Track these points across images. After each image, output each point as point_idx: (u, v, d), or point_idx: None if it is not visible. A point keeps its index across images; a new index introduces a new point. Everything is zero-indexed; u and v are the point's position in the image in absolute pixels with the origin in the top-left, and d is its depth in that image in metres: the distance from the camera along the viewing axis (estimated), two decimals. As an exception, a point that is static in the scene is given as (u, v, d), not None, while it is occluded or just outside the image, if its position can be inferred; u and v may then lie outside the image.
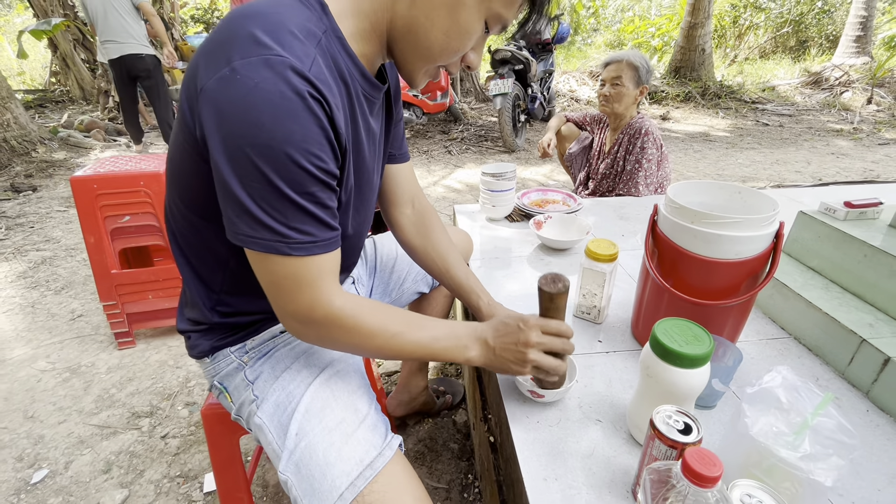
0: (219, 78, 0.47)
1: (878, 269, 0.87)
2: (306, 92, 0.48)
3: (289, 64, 0.47)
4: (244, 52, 0.47)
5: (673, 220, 0.79)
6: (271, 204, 0.50)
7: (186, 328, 0.74)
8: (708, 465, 0.40)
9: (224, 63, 0.47)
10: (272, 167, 0.48)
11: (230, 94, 0.47)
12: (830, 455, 0.51)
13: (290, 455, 0.60)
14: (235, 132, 0.47)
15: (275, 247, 0.52)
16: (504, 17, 0.59)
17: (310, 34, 0.51)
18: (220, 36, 0.50)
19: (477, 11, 0.57)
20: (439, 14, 0.56)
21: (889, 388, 0.76)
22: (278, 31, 0.48)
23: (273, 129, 0.47)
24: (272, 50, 0.47)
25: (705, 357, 0.61)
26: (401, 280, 1.07)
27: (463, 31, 0.58)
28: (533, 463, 0.69)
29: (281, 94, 0.46)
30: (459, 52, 0.61)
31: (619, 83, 1.73)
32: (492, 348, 0.68)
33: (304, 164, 0.50)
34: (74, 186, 1.50)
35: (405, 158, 0.88)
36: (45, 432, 1.41)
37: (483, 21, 0.59)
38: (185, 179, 0.59)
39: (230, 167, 0.49)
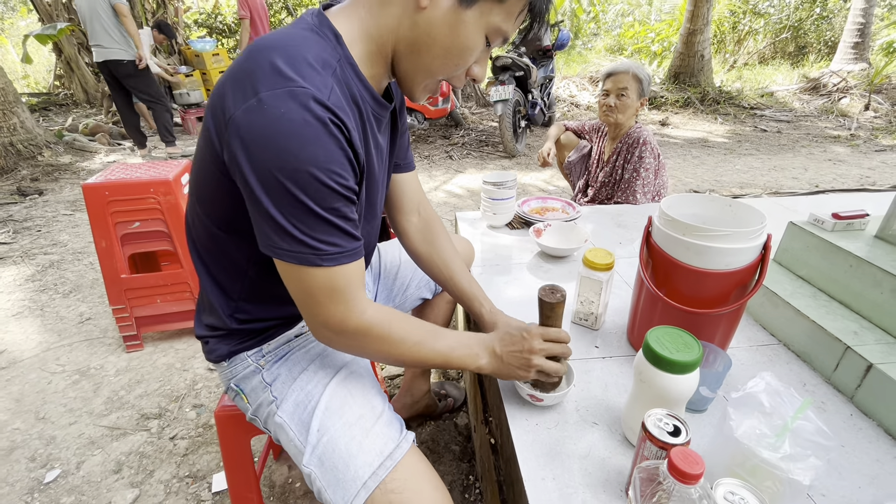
0: (246, 108, 0.51)
1: (862, 279, 0.91)
2: (327, 119, 0.52)
3: (311, 94, 0.51)
4: (270, 84, 0.51)
5: (666, 231, 0.83)
6: (301, 220, 0.54)
7: (204, 333, 0.77)
8: (691, 463, 0.44)
9: (251, 94, 0.51)
10: (300, 187, 0.52)
11: (259, 123, 0.51)
12: (809, 456, 0.54)
13: (314, 450, 0.65)
14: (265, 157, 0.51)
15: (307, 258, 0.56)
16: (504, 30, 0.62)
17: (326, 64, 0.55)
18: (246, 66, 0.54)
19: (476, 27, 0.60)
20: (440, 32, 0.59)
21: (872, 394, 0.80)
22: (299, 63, 0.53)
23: (299, 153, 0.51)
24: (295, 82, 0.51)
25: (694, 364, 0.65)
26: (404, 286, 1.11)
27: (464, 48, 0.61)
28: (532, 463, 0.72)
29: (305, 122, 0.51)
30: (461, 67, 0.64)
31: (625, 94, 1.77)
32: (499, 356, 0.73)
33: (329, 183, 0.54)
34: (86, 193, 1.54)
35: (410, 168, 0.92)
36: (57, 433, 1.44)
37: (484, 35, 0.62)
38: (209, 194, 0.64)
39: (262, 188, 0.53)
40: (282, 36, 0.56)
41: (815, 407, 0.83)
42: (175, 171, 1.67)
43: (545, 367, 0.74)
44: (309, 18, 0.60)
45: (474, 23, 0.59)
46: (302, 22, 0.59)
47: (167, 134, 4.37)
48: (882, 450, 0.74)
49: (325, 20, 0.59)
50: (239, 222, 0.61)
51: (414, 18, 0.59)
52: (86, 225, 3.00)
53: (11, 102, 4.04)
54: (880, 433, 0.77)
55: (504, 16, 0.60)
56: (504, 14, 0.60)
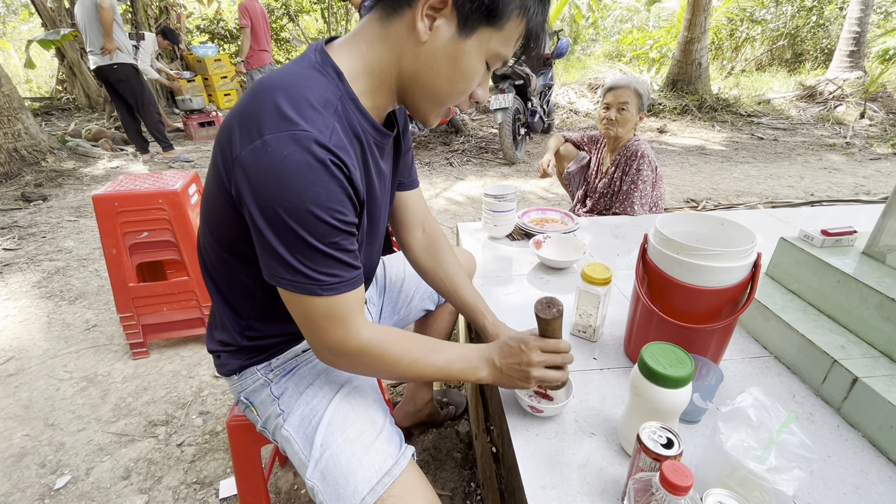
0: (252, 149, 0.55)
1: (849, 294, 0.95)
2: (328, 160, 0.55)
3: (313, 137, 0.54)
4: (274, 127, 0.54)
5: (661, 250, 0.87)
6: (303, 254, 0.58)
7: (216, 348, 0.81)
8: (681, 477, 0.47)
9: (256, 135, 0.55)
10: (302, 225, 0.56)
11: (263, 164, 0.54)
12: (793, 468, 0.58)
13: (316, 464, 0.68)
14: (269, 196, 0.55)
15: (308, 288, 0.60)
16: (503, 54, 0.65)
17: (328, 104, 0.59)
18: (252, 107, 0.57)
19: (477, 55, 0.63)
20: (442, 64, 0.63)
21: (857, 406, 0.83)
22: (301, 105, 0.56)
23: (302, 193, 0.55)
24: (298, 125, 0.54)
25: (687, 378, 0.69)
26: (409, 299, 1.15)
27: (466, 76, 0.64)
28: (533, 472, 0.76)
29: (307, 164, 0.54)
30: (466, 92, 0.67)
31: (626, 109, 1.81)
32: (499, 368, 0.76)
33: (329, 220, 0.57)
34: (96, 204, 1.58)
35: (414, 185, 0.96)
36: (66, 440, 1.47)
37: (484, 61, 0.65)
38: (218, 222, 0.67)
39: (266, 224, 0.56)
40: (286, 75, 0.59)
41: (804, 418, 0.87)
42: (182, 182, 1.71)
43: (545, 376, 0.77)
44: (312, 56, 0.63)
45: (474, 51, 0.62)
46: (305, 60, 0.63)
47: (161, 139, 4.43)
48: (866, 460, 0.77)
49: (328, 58, 0.62)
50: (246, 248, 0.65)
51: (415, 52, 0.62)
52: (90, 231, 3.04)
53: (16, 108, 4.08)
54: (865, 444, 0.80)
55: (502, 41, 0.63)
56: (502, 39, 0.63)
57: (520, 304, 1.26)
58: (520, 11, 0.61)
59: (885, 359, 0.87)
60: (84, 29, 3.86)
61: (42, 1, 6.29)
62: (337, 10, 8.38)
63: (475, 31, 0.61)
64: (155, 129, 4.35)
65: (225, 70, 7.22)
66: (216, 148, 0.61)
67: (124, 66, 3.99)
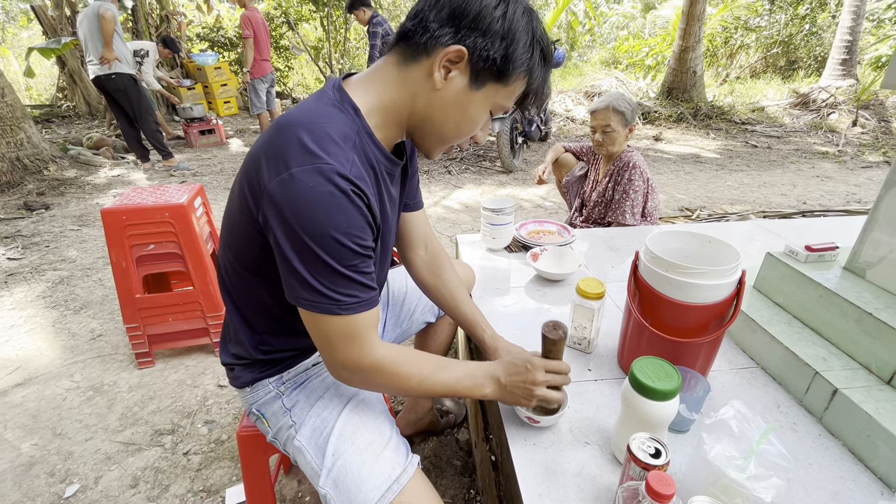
0: (279, 181, 0.60)
1: (831, 308, 0.99)
2: (349, 190, 0.61)
3: (335, 170, 0.60)
4: (299, 161, 0.59)
5: (651, 267, 0.91)
6: (324, 276, 0.62)
7: (230, 361, 0.85)
8: (664, 486, 0.52)
9: (283, 168, 0.60)
10: (325, 249, 0.61)
11: (291, 195, 0.59)
12: (771, 476, 0.62)
13: (329, 473, 0.72)
14: (296, 223, 0.60)
15: (328, 308, 0.64)
16: (506, 106, 0.74)
17: (347, 138, 0.64)
18: (278, 141, 0.62)
19: (483, 106, 0.71)
20: (452, 110, 0.70)
21: (838, 416, 0.88)
22: (324, 140, 0.61)
23: (326, 220, 0.60)
24: (322, 159, 0.60)
25: (674, 392, 0.73)
26: (411, 312, 1.19)
27: (472, 122, 0.73)
28: (530, 481, 0.80)
29: (331, 194, 0.59)
30: (469, 135, 0.76)
31: (609, 129, 1.87)
32: (504, 386, 0.81)
33: (349, 245, 0.62)
34: (105, 218, 1.62)
35: (419, 206, 1.01)
36: (74, 449, 1.50)
37: (489, 111, 0.73)
38: (241, 244, 0.72)
39: (291, 249, 0.61)
40: (308, 112, 0.65)
41: (788, 427, 0.91)
42: (188, 196, 1.75)
43: (546, 396, 0.82)
44: (331, 93, 0.68)
45: (482, 102, 0.70)
46: (325, 96, 0.68)
47: (160, 147, 4.49)
48: (845, 468, 0.82)
49: (346, 95, 0.68)
50: (266, 268, 0.70)
51: (429, 97, 0.69)
52: (93, 240, 3.07)
53: (19, 118, 4.12)
54: (844, 452, 0.85)
55: (507, 95, 0.71)
56: (507, 94, 0.71)
57: (518, 315, 1.30)
58: (525, 73, 0.69)
59: (864, 370, 0.91)
60: (85, 39, 3.93)
61: (43, 9, 6.35)
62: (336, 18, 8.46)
63: (484, 86, 0.68)
64: (153, 137, 4.41)
65: (225, 78, 7.28)
66: (242, 178, 0.66)
67: (122, 76, 4.07)
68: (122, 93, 4.12)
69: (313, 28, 9.24)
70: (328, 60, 8.65)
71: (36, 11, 6.34)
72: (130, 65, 4.16)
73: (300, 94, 9.35)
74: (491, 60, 0.66)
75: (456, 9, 0.64)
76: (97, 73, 4.01)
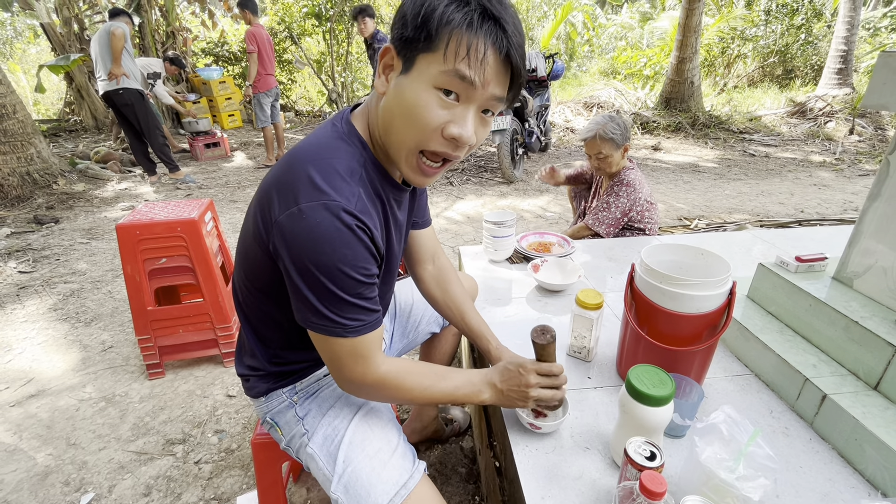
0: (289, 215, 0.64)
1: (820, 317, 1.03)
2: (355, 225, 0.65)
3: (341, 206, 0.64)
4: (308, 197, 0.64)
5: (646, 279, 0.96)
6: (332, 303, 0.67)
7: (245, 372, 0.89)
8: (656, 484, 0.56)
9: (293, 203, 0.64)
10: (331, 279, 0.66)
11: (298, 229, 0.64)
12: (759, 476, 0.66)
13: (340, 478, 0.76)
14: (304, 256, 0.64)
15: (335, 331, 0.69)
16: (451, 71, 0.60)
17: (353, 173, 0.69)
18: (288, 177, 0.67)
19: (420, 84, 0.62)
20: (394, 105, 0.65)
21: (827, 421, 0.92)
22: (331, 176, 0.66)
23: (332, 254, 0.64)
24: (328, 195, 0.64)
25: (668, 398, 0.77)
26: (417, 323, 1.23)
27: (413, 105, 0.63)
28: (533, 485, 0.84)
29: (337, 229, 0.64)
30: (427, 129, 0.64)
31: (602, 155, 1.92)
32: (500, 390, 0.85)
33: (354, 276, 0.67)
34: (119, 233, 1.67)
35: (427, 224, 1.06)
36: (88, 458, 1.54)
37: (432, 89, 0.62)
38: (253, 267, 0.77)
39: (300, 278, 0.66)
40: (316, 148, 0.69)
41: (780, 432, 0.95)
42: (199, 211, 1.81)
43: (541, 396, 0.86)
44: (339, 125, 0.73)
45: (416, 81, 0.62)
46: (334, 130, 0.73)
47: (167, 161, 4.59)
48: (834, 470, 0.86)
49: (353, 128, 0.73)
50: (277, 289, 0.74)
51: (380, 106, 0.69)
52: (102, 253, 3.13)
53: (29, 133, 4.21)
54: (834, 455, 0.89)
55: (441, 61, 0.60)
56: (440, 59, 0.60)
57: (519, 325, 1.34)
58: (454, 27, 0.59)
59: (852, 377, 0.95)
60: (96, 56, 4.06)
61: (52, 26, 6.49)
62: (338, 32, 8.62)
63: (414, 64, 0.62)
64: (160, 151, 4.51)
65: (229, 91, 7.40)
66: (256, 208, 0.71)
67: (129, 91, 4.19)
68: (129, 107, 4.23)
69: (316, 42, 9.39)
70: (330, 74, 8.79)
71: (45, 28, 6.49)
72: (138, 80, 4.27)
73: (303, 107, 9.49)
74: (409, 37, 0.61)
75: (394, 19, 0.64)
76: (106, 89, 4.13)
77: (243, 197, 4.30)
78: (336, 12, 8.03)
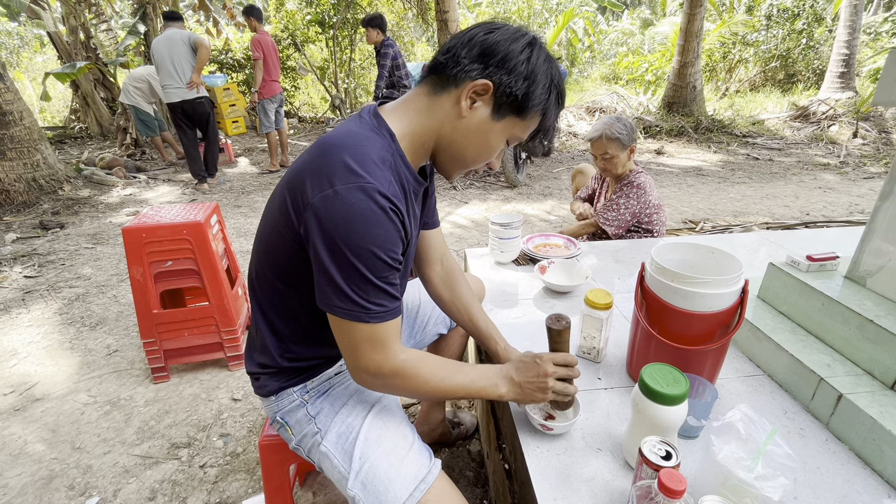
0: (323, 196, 0.65)
1: (833, 316, 1.02)
2: (388, 207, 0.67)
3: (376, 189, 0.66)
4: (343, 180, 0.65)
5: (657, 277, 0.95)
6: (358, 285, 0.68)
7: (256, 370, 0.89)
8: (676, 482, 0.55)
9: (328, 185, 0.65)
10: (362, 260, 0.66)
11: (334, 209, 0.65)
12: (778, 476, 0.65)
13: (357, 475, 0.76)
14: (337, 236, 0.65)
15: (358, 316, 0.69)
16: (520, 138, 0.81)
17: (384, 161, 0.71)
18: (322, 161, 0.68)
19: (501, 135, 0.78)
20: (474, 137, 0.77)
21: (843, 421, 0.90)
22: (366, 162, 0.67)
23: (365, 234, 0.65)
24: (364, 178, 0.66)
25: (682, 396, 0.76)
26: (424, 323, 1.23)
27: (491, 149, 0.80)
28: (545, 487, 0.82)
29: (371, 210, 0.65)
30: (486, 161, 0.82)
31: (608, 156, 1.91)
32: (518, 383, 0.84)
33: (384, 257, 0.68)
34: (126, 236, 1.68)
35: (436, 225, 1.06)
36: (93, 462, 1.53)
37: (505, 141, 0.80)
38: (277, 255, 0.77)
39: (330, 258, 0.66)
40: (349, 136, 0.71)
41: (795, 433, 0.93)
42: (205, 214, 1.81)
43: (558, 388, 0.86)
44: (368, 118, 0.75)
45: (501, 132, 0.77)
46: (364, 123, 0.75)
47: (214, 167, 4.80)
48: (852, 471, 0.84)
49: (383, 121, 0.75)
50: (298, 278, 0.75)
51: (455, 124, 0.76)
52: (106, 258, 3.14)
53: (36, 140, 4.24)
54: (851, 456, 0.87)
55: (523, 128, 0.79)
56: (523, 127, 0.78)
57: (527, 326, 1.33)
58: (540, 111, 0.77)
59: (868, 376, 0.94)
60: (167, 63, 4.08)
61: (59, 35, 6.56)
62: (341, 39, 8.68)
63: (505, 118, 0.76)
64: (214, 157, 4.73)
65: (233, 98, 7.44)
66: (285, 193, 0.72)
67: (207, 100, 4.39)
68: (204, 115, 4.40)
69: (319, 49, 9.46)
70: (333, 80, 8.85)
71: (52, 37, 6.56)
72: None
73: (306, 113, 9.53)
74: (513, 96, 0.73)
75: (486, 49, 0.72)
76: (184, 97, 4.21)
77: (247, 202, 4.31)
78: (339, 20, 8.10)
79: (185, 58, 4.12)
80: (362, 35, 8.37)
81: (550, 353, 0.88)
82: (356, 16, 8.31)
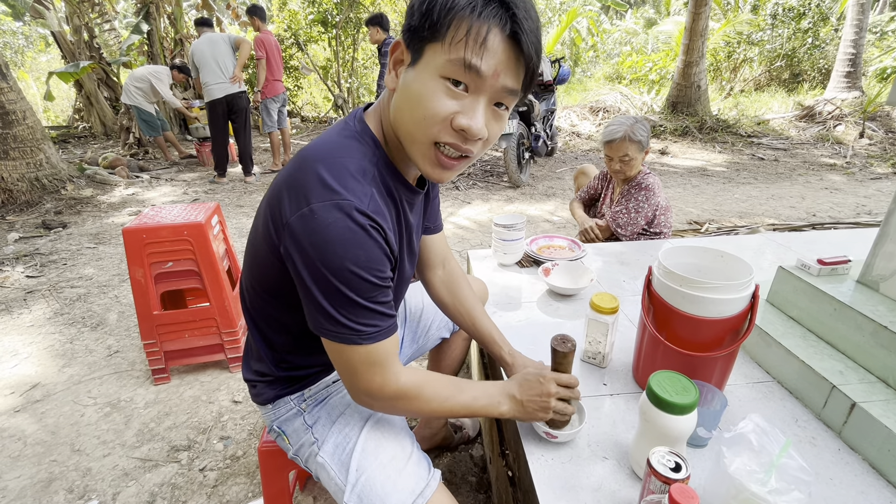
0: (300, 215, 0.61)
1: (845, 322, 1.00)
2: (368, 225, 0.62)
3: (353, 206, 0.61)
4: (319, 197, 0.61)
5: (664, 282, 0.93)
6: (345, 308, 0.64)
7: (252, 378, 0.87)
8: (687, 498, 0.52)
9: (304, 203, 0.61)
10: (344, 282, 0.63)
11: (310, 229, 0.61)
12: (793, 490, 0.62)
13: (353, 488, 0.73)
14: (315, 257, 0.62)
15: (349, 338, 0.66)
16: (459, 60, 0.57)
17: (365, 173, 0.66)
18: (298, 176, 0.64)
19: (427, 75, 0.60)
20: (404, 98, 0.63)
21: (857, 430, 0.88)
22: (342, 175, 0.63)
23: (344, 255, 0.61)
24: (340, 195, 0.61)
25: (692, 405, 0.74)
26: (427, 328, 1.21)
27: (421, 97, 0.61)
28: (549, 496, 0.80)
29: (349, 229, 0.61)
30: (434, 119, 0.61)
31: (627, 158, 1.86)
32: (520, 402, 0.82)
33: (368, 278, 0.64)
34: (126, 237, 1.66)
35: (439, 229, 1.04)
36: (92, 465, 1.52)
37: (439, 78, 0.60)
38: (263, 270, 0.74)
39: (312, 281, 0.63)
40: (328, 146, 0.67)
41: (807, 442, 0.91)
42: (206, 215, 1.80)
43: (559, 408, 0.83)
44: (352, 124, 0.71)
45: (423, 71, 0.61)
46: (347, 129, 0.70)
47: (250, 162, 4.90)
48: (867, 482, 0.81)
49: (366, 127, 0.70)
50: (285, 291, 0.72)
51: (393, 104, 0.67)
52: (109, 258, 3.13)
53: (39, 139, 4.24)
54: (865, 467, 0.85)
55: (447, 49, 0.58)
56: (446, 47, 0.58)
57: (530, 329, 1.31)
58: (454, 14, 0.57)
59: (882, 384, 0.91)
60: (210, 62, 4.31)
61: (63, 35, 6.57)
62: (344, 39, 8.67)
63: (422, 55, 0.61)
64: (248, 152, 4.83)
65: (236, 98, 7.43)
66: (266, 209, 0.69)
67: (246, 94, 4.59)
68: (243, 110, 4.58)
69: (322, 48, 9.45)
70: (336, 80, 8.83)
71: (56, 37, 6.56)
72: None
73: (309, 112, 9.53)
74: (415, 27, 0.60)
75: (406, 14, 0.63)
76: (228, 92, 4.42)
77: (249, 202, 4.30)
78: (342, 19, 8.08)
79: (228, 55, 4.39)
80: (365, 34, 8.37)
81: (554, 374, 0.85)
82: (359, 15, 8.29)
